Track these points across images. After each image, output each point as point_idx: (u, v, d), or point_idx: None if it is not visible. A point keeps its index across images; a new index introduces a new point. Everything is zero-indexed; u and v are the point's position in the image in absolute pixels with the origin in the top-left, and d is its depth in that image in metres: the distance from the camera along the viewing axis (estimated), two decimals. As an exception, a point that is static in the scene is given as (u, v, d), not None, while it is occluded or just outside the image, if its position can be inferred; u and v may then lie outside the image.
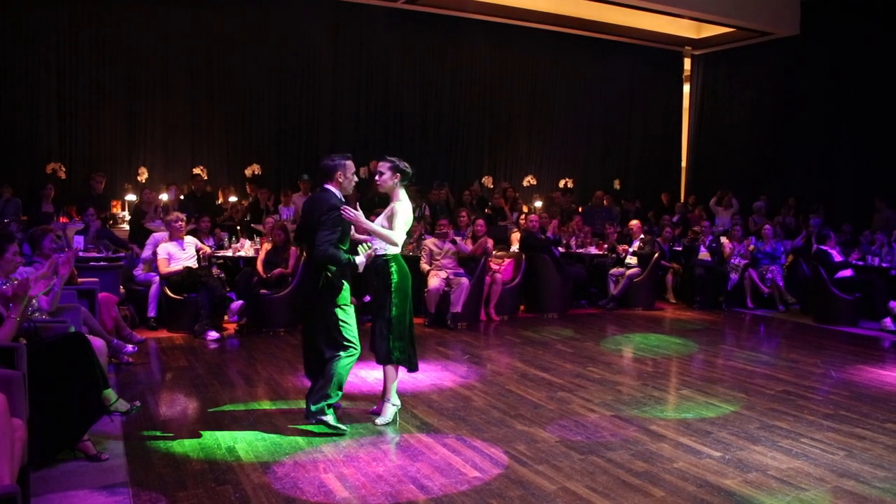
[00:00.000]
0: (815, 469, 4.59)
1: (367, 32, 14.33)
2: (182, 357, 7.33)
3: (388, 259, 5.29)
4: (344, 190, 5.19)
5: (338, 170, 5.14)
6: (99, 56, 12.43)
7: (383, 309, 5.29)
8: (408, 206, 5.36)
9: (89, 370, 4.51)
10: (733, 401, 6.13)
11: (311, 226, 5.05)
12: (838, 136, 14.51)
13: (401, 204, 5.30)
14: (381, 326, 5.29)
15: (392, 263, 5.29)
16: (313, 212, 5.09)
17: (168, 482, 4.19)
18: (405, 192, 5.40)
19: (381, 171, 5.35)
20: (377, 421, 5.31)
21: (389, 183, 5.33)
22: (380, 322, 5.32)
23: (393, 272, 5.26)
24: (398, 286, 5.26)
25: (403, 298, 5.30)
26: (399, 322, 5.28)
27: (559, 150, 16.38)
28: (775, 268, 11.48)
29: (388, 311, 5.27)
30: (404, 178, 5.36)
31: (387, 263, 5.28)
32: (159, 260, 8.55)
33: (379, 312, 5.34)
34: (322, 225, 4.95)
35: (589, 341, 8.62)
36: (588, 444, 4.96)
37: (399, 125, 14.84)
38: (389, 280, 5.25)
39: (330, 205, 5.00)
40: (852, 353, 8.33)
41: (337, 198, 5.08)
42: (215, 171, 13.18)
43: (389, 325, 5.27)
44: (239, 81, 13.48)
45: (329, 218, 4.96)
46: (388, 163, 5.36)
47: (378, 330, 5.32)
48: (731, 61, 16.96)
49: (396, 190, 5.35)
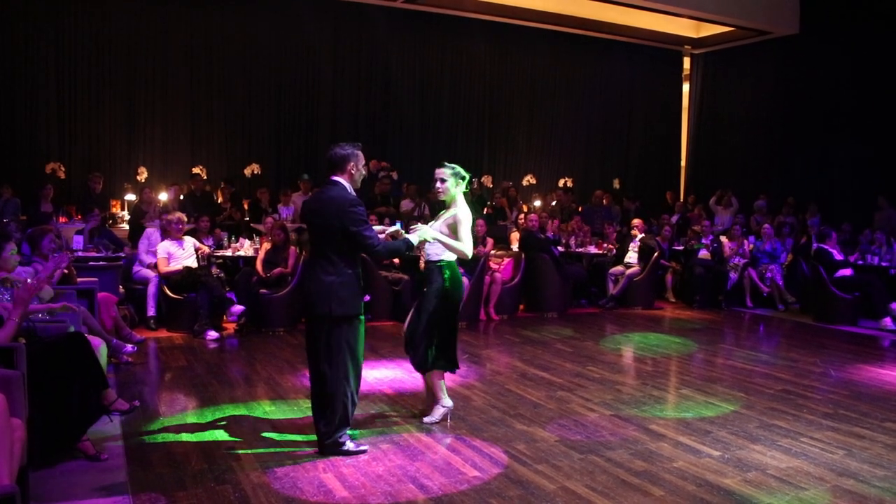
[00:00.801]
0: (814, 468, 4.59)
1: (367, 32, 14.34)
2: (181, 357, 7.33)
3: (442, 265, 5.14)
4: (355, 183, 4.70)
5: (350, 160, 4.64)
6: (98, 56, 12.45)
7: (428, 314, 5.11)
8: (469, 213, 5.18)
9: (89, 370, 4.52)
10: (733, 400, 6.13)
11: (326, 225, 4.57)
12: (838, 134, 14.50)
13: (463, 212, 5.13)
14: (423, 332, 5.13)
15: (446, 270, 5.14)
16: (327, 210, 4.57)
17: (167, 482, 4.19)
18: (463, 198, 5.24)
19: (442, 178, 5.18)
20: (425, 419, 5.27)
21: (452, 191, 5.18)
22: (421, 327, 5.14)
23: (446, 279, 5.11)
24: (449, 293, 5.11)
25: (451, 307, 5.16)
26: (441, 330, 5.14)
27: (559, 150, 16.39)
28: (775, 267, 11.48)
29: (433, 317, 5.10)
30: (465, 185, 5.23)
31: (440, 270, 5.13)
32: (159, 259, 8.55)
33: (421, 317, 5.15)
34: (353, 224, 4.49)
35: (588, 341, 8.62)
36: (588, 444, 4.96)
37: (398, 124, 14.85)
38: (441, 286, 5.10)
39: (350, 200, 4.55)
40: (852, 352, 8.33)
41: (352, 192, 4.64)
42: (214, 171, 13.19)
43: (430, 332, 5.12)
44: (238, 81, 13.49)
45: (358, 215, 4.52)
46: (448, 169, 5.20)
47: (418, 335, 5.16)
48: (731, 60, 16.96)
49: (457, 196, 5.20)
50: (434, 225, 5.19)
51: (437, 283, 5.12)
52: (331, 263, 4.56)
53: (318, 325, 4.61)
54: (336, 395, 4.57)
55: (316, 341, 4.63)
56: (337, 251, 4.56)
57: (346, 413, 4.63)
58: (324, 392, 4.60)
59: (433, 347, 5.15)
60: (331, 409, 4.59)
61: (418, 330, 5.16)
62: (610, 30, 15.93)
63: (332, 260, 4.56)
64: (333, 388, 4.56)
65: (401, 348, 7.86)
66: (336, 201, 4.55)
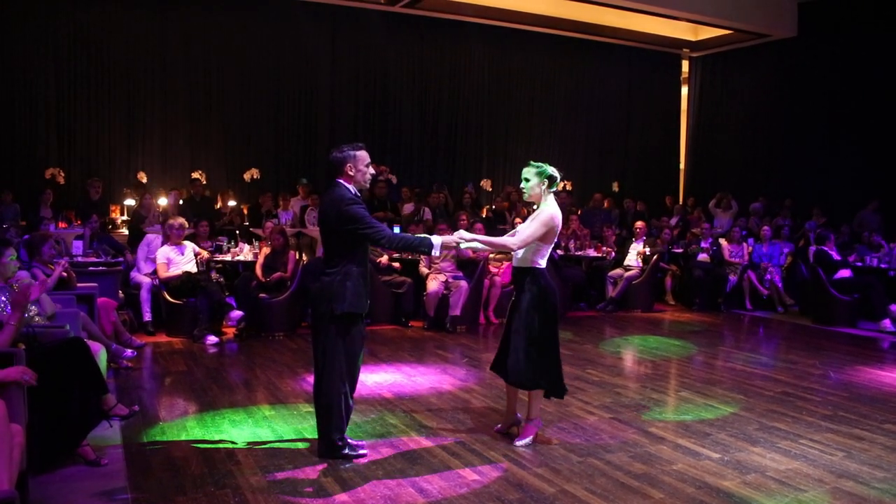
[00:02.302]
0: (813, 470, 4.60)
1: (364, 36, 14.33)
2: (181, 361, 7.33)
3: (530, 272, 4.87)
4: (357, 183, 4.64)
5: (346, 161, 4.59)
6: (98, 61, 12.44)
7: (525, 327, 4.84)
8: (553, 214, 4.84)
9: (88, 375, 4.52)
10: (732, 402, 6.14)
11: (327, 226, 4.62)
12: (837, 137, 14.52)
13: (549, 210, 4.84)
14: (523, 346, 4.84)
15: (528, 276, 4.88)
16: (327, 212, 4.60)
17: (167, 487, 4.19)
18: (554, 199, 4.94)
19: (526, 178, 4.91)
20: (517, 442, 4.95)
21: (537, 191, 4.89)
22: (520, 341, 4.85)
23: (538, 287, 4.85)
24: (538, 301, 4.84)
25: (547, 314, 4.87)
26: (544, 341, 4.87)
27: (557, 153, 16.34)
28: (774, 269, 11.49)
29: (533, 329, 4.83)
30: (552, 185, 4.93)
31: (524, 276, 4.90)
32: (158, 265, 8.56)
33: (521, 331, 4.85)
34: (350, 222, 4.45)
35: (588, 343, 8.63)
36: (587, 447, 4.96)
37: (397, 128, 14.86)
38: (534, 295, 4.84)
39: (346, 199, 4.49)
40: (851, 353, 8.33)
41: (351, 192, 4.57)
42: (214, 176, 13.19)
43: (534, 346, 4.84)
44: (237, 86, 13.49)
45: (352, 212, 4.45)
46: (533, 168, 4.92)
47: (518, 349, 4.86)
48: (729, 63, 16.98)
49: (544, 198, 4.91)
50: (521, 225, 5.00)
51: (529, 294, 4.87)
52: (334, 263, 4.57)
53: (319, 324, 4.62)
54: (332, 396, 4.56)
55: (316, 341, 4.65)
56: (339, 251, 4.57)
57: (341, 415, 4.61)
58: (320, 393, 4.61)
59: (534, 363, 4.85)
60: (326, 410, 4.59)
61: (518, 346, 4.87)
62: (608, 33, 15.93)
63: (335, 260, 4.57)
64: (329, 390, 4.56)
65: (401, 351, 7.95)
66: (334, 202, 4.55)
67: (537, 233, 4.81)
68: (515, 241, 4.87)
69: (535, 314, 4.84)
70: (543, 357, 4.89)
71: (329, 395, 4.56)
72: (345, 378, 4.59)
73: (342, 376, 4.57)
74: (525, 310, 4.86)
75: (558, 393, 5.04)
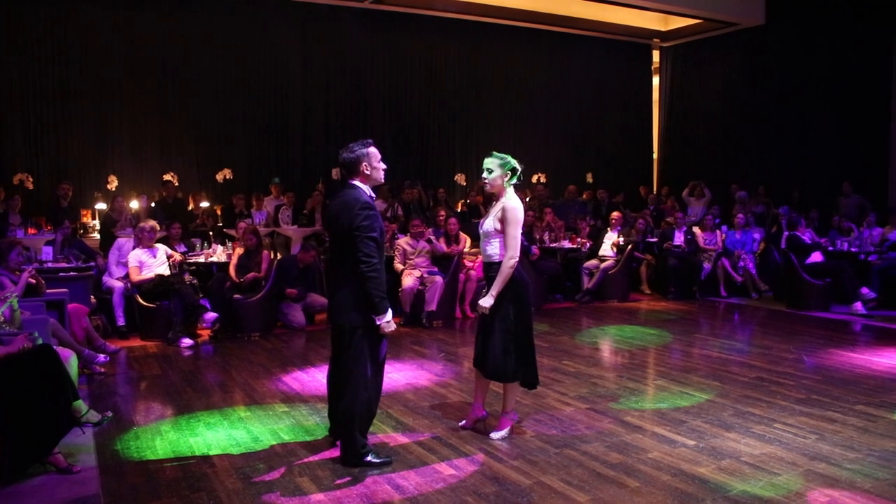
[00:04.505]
0: (787, 454, 4.64)
1: (336, 33, 14.25)
2: (156, 365, 7.27)
3: (497, 265, 4.82)
4: (373, 182, 4.54)
5: (361, 161, 4.46)
6: (65, 63, 12.24)
7: (501, 321, 4.81)
8: (520, 209, 4.83)
9: (58, 382, 4.47)
10: (707, 389, 6.18)
11: (341, 232, 4.40)
12: (807, 123, 14.67)
13: (512, 204, 4.80)
14: (500, 339, 4.81)
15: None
16: (341, 215, 4.39)
17: (141, 492, 4.15)
18: (514, 191, 4.92)
19: (489, 169, 4.87)
20: (493, 435, 4.96)
21: (499, 182, 4.86)
22: (496, 335, 4.82)
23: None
24: (511, 293, 4.80)
25: (520, 306, 4.85)
26: (518, 335, 4.84)
27: (531, 145, 16.38)
28: (747, 256, 11.59)
29: (507, 322, 4.81)
30: (513, 177, 4.88)
31: (496, 270, 4.82)
32: (130, 268, 8.47)
33: (495, 324, 4.82)
34: (360, 230, 4.29)
35: (564, 335, 8.65)
36: (563, 438, 4.97)
37: (370, 125, 14.78)
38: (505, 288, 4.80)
39: (361, 203, 4.34)
40: (824, 337, 8.42)
41: (366, 195, 4.45)
42: (186, 177, 13.07)
43: (510, 339, 4.82)
44: (208, 85, 13.36)
45: (361, 218, 4.29)
46: (496, 159, 4.88)
47: (495, 343, 4.82)
48: (700, 52, 17.09)
49: (505, 190, 4.88)
50: (485, 221, 4.95)
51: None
52: (350, 271, 4.35)
53: (339, 334, 4.50)
54: (355, 404, 4.42)
55: (339, 349, 4.53)
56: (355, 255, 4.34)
57: (363, 424, 4.50)
58: (344, 401, 4.46)
59: (513, 356, 4.83)
60: (349, 418, 4.45)
61: (494, 340, 4.83)
62: (579, 25, 15.97)
63: (350, 267, 4.34)
64: (354, 398, 4.41)
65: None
66: (348, 205, 4.37)
67: (517, 233, 4.80)
68: (509, 254, 4.77)
69: (510, 307, 4.83)
70: (520, 349, 4.88)
71: (353, 403, 4.42)
72: (370, 385, 4.47)
73: (366, 384, 4.45)
74: (498, 303, 4.83)
75: (531, 384, 5.04)
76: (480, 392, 5.17)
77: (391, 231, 10.17)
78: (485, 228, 4.93)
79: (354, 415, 4.43)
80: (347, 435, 4.49)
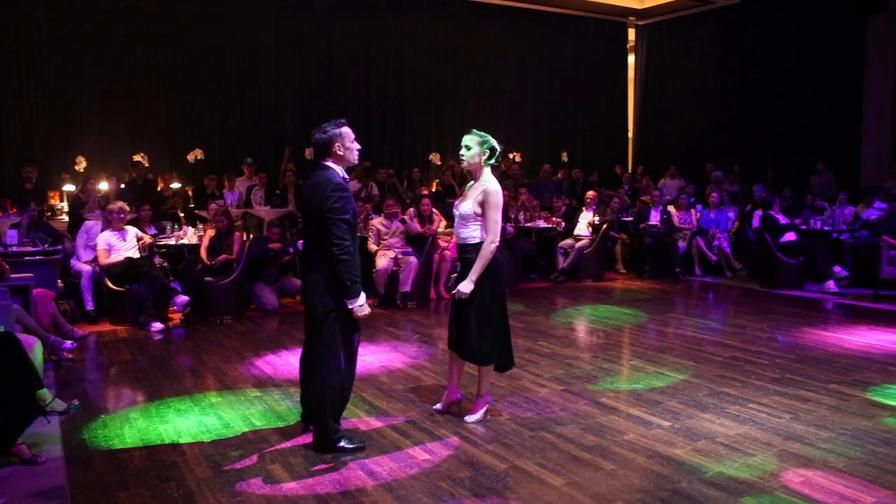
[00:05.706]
0: (761, 434, 4.64)
1: (308, 10, 14.05)
2: (125, 350, 7.14)
3: (476, 246, 4.73)
4: (347, 162, 4.45)
5: (334, 141, 4.37)
6: (30, 41, 11.97)
7: (477, 303, 4.73)
8: (499, 191, 4.74)
9: (20, 371, 4.34)
10: (682, 369, 6.18)
11: (314, 213, 4.31)
12: (782, 101, 14.72)
13: (493, 188, 4.70)
14: (475, 322, 4.73)
15: (474, 251, 4.73)
16: (313, 196, 4.31)
17: (109, 482, 4.06)
18: (490, 172, 4.82)
19: (468, 146, 4.76)
20: (467, 419, 4.91)
21: (476, 160, 4.75)
22: (472, 317, 4.74)
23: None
24: (488, 276, 4.72)
25: (494, 287, 4.77)
26: (494, 314, 4.77)
27: (506, 124, 16.30)
28: (721, 235, 11.62)
29: (483, 304, 4.73)
30: (491, 157, 4.79)
31: (470, 251, 4.75)
32: (99, 251, 8.30)
33: (470, 307, 4.74)
34: (332, 212, 4.20)
35: (539, 315, 8.62)
36: (538, 421, 4.94)
37: (343, 104, 14.59)
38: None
39: (333, 184, 4.26)
40: (797, 316, 8.47)
41: (339, 175, 4.35)
42: (156, 158, 12.85)
43: (486, 321, 4.75)
44: (178, 65, 13.15)
45: (334, 200, 4.21)
46: (476, 137, 4.78)
47: (471, 325, 4.74)
48: (675, 31, 17.07)
49: (482, 169, 4.80)
50: (463, 203, 4.85)
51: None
52: (323, 254, 4.26)
53: (315, 317, 4.37)
54: (328, 389, 4.34)
55: (311, 333, 4.44)
56: (328, 238, 4.25)
57: (335, 409, 4.42)
58: (315, 386, 4.39)
59: (489, 338, 4.77)
60: (321, 403, 4.37)
61: (469, 322, 4.75)
62: (555, 3, 15.91)
63: (324, 250, 4.26)
64: (326, 382, 4.33)
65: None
66: (320, 186, 4.29)
67: (499, 217, 4.72)
68: (489, 238, 4.68)
69: (485, 289, 4.75)
70: (495, 331, 4.81)
71: (325, 387, 4.34)
72: (342, 369, 4.38)
73: (339, 369, 4.36)
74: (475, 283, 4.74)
75: (506, 366, 4.99)
76: (455, 374, 5.11)
77: (365, 211, 10.06)
78: (462, 211, 4.82)
79: (326, 399, 4.35)
80: (320, 420, 4.42)
